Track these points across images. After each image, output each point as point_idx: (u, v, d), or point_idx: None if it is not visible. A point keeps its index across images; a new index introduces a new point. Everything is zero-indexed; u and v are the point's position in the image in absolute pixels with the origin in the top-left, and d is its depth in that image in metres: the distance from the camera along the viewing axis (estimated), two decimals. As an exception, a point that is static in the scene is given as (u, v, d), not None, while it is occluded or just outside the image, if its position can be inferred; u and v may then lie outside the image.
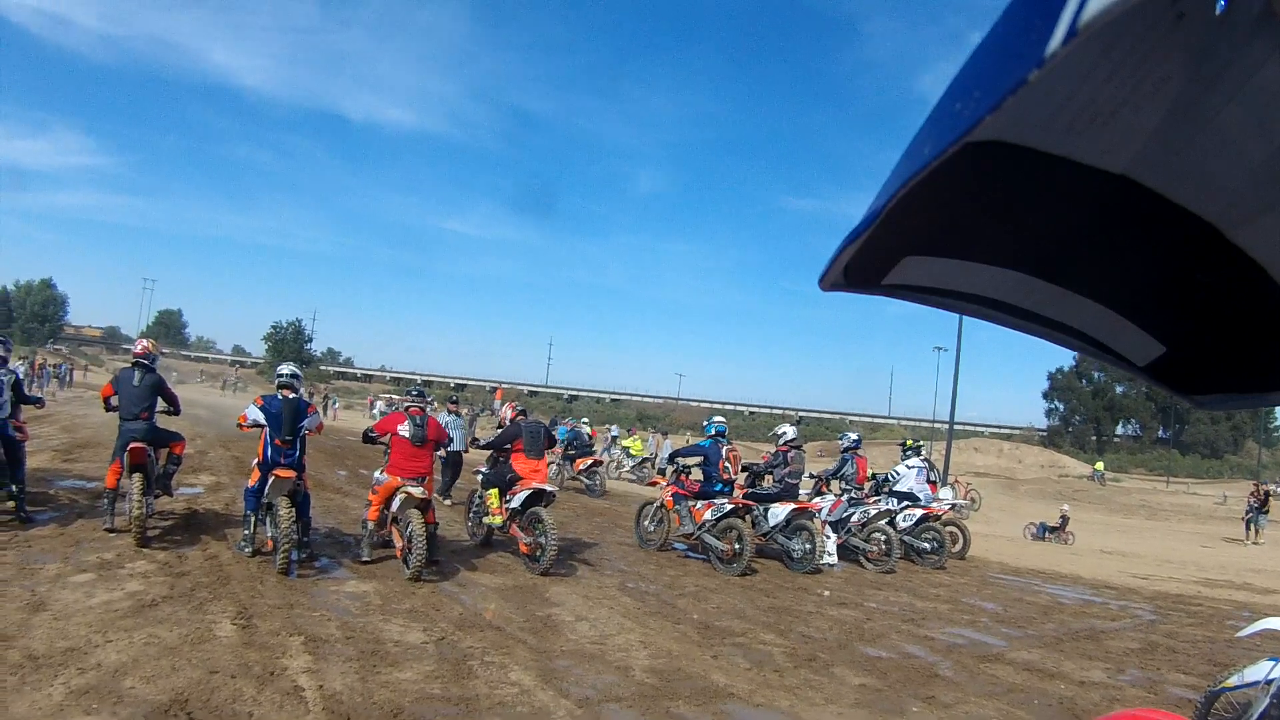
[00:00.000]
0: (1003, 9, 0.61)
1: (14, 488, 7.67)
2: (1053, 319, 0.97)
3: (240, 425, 7.27)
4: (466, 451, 13.00)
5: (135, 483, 7.15)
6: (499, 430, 9.17)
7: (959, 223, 0.83)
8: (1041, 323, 0.97)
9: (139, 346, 8.06)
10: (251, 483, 7.17)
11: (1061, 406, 68.60)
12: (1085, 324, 0.96)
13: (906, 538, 11.05)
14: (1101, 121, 0.65)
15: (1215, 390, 0.99)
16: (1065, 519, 21.52)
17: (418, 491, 7.27)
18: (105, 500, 7.72)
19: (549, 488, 8.40)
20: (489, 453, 9.14)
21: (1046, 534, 20.88)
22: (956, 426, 28.13)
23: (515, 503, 8.30)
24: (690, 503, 9.69)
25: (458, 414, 12.53)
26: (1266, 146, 0.68)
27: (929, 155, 0.63)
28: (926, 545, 11.15)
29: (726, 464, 9.73)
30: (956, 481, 21.73)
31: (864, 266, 0.84)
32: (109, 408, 7.81)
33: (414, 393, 8.12)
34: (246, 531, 7.25)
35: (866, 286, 0.88)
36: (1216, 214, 0.78)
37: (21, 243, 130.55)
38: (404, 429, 7.63)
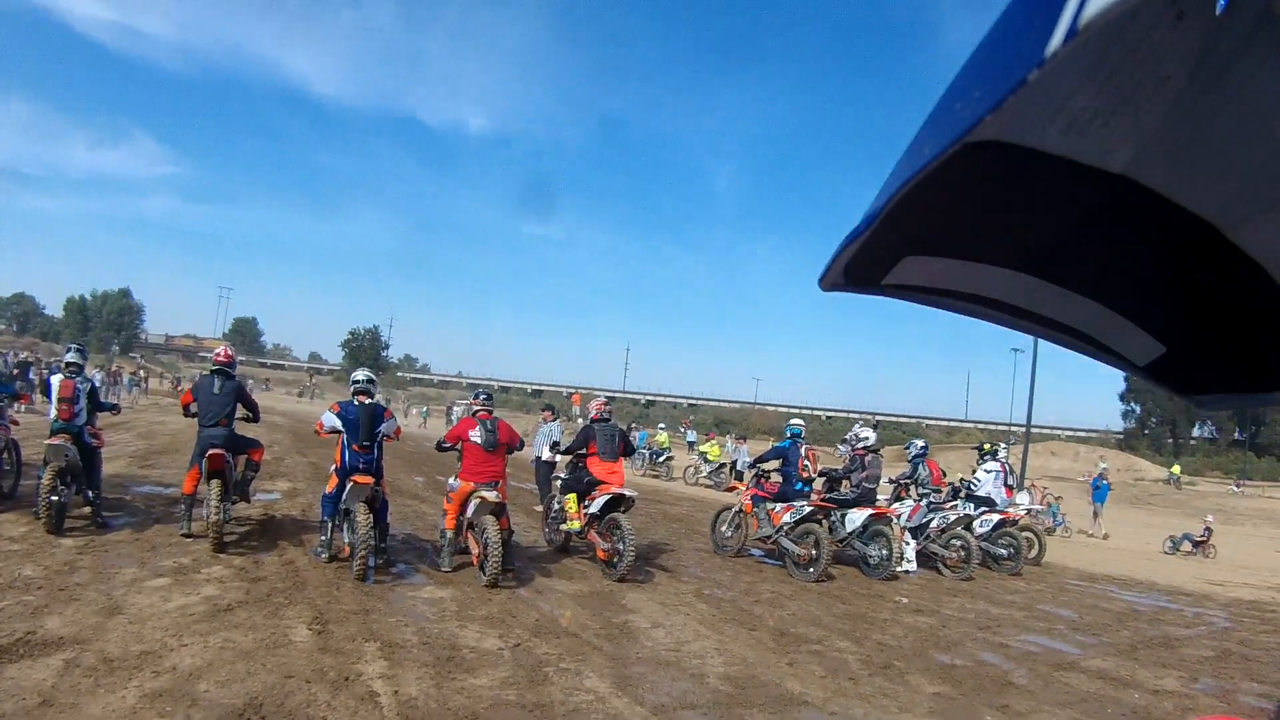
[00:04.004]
0: (1003, 9, 0.62)
1: (90, 494, 7.65)
2: (1053, 319, 0.98)
3: (318, 432, 7.31)
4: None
5: (213, 489, 7.12)
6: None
7: (959, 223, 0.85)
8: (1041, 323, 0.99)
9: (220, 353, 8.07)
10: (329, 489, 7.17)
11: (1139, 408, 66.10)
12: (1085, 324, 0.98)
13: (983, 544, 10.87)
14: (1101, 121, 0.66)
15: (1215, 390, 1.01)
16: (1209, 530, 18.04)
17: (492, 495, 7.23)
18: (183, 506, 7.71)
19: (628, 492, 8.28)
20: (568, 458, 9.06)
21: (1185, 546, 17.76)
22: (1033, 430, 27.27)
23: (594, 508, 8.21)
24: (769, 505, 9.61)
25: (554, 420, 12.28)
26: (1266, 146, 0.69)
27: (929, 155, 0.65)
28: (1003, 551, 10.99)
29: (806, 462, 9.62)
30: (1034, 486, 20.91)
31: (864, 266, 0.85)
32: (189, 414, 7.79)
33: (481, 396, 8.04)
34: (323, 537, 7.28)
35: (867, 286, 0.90)
36: (1216, 214, 0.79)
37: (103, 250, 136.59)
38: (475, 435, 7.55)
